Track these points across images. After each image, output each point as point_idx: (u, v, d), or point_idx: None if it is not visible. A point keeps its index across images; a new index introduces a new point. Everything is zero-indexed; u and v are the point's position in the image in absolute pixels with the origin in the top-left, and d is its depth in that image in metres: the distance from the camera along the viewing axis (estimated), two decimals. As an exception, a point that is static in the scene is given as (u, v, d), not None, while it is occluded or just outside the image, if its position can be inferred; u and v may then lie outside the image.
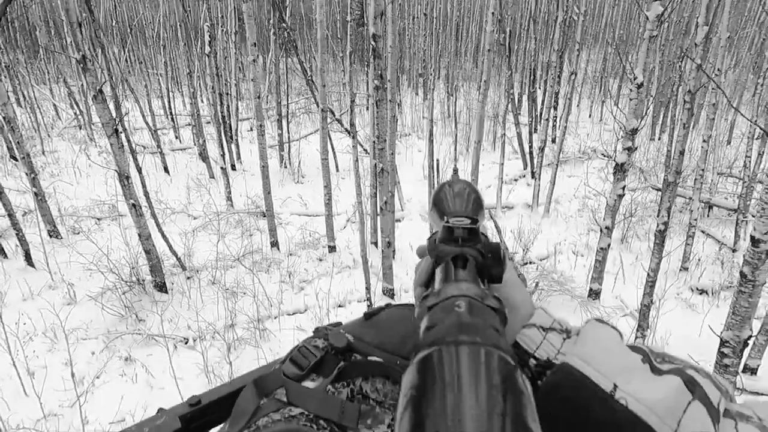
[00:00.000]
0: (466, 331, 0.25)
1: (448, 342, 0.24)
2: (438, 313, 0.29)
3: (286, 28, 7.30)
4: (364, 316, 0.52)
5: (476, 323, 0.26)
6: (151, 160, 7.59)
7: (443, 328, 0.26)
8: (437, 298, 0.31)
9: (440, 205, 0.45)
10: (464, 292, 0.31)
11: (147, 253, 4.15)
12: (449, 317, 0.28)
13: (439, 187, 0.48)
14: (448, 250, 0.39)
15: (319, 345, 0.47)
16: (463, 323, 0.26)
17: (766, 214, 1.83)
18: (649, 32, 3.48)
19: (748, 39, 11.63)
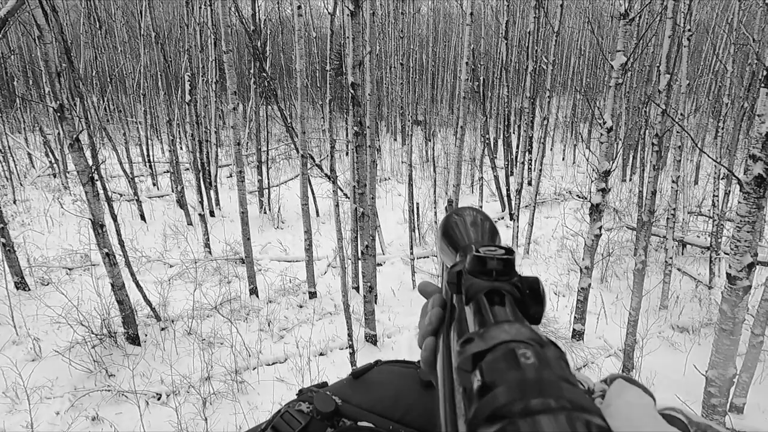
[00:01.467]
0: (540, 392, 0.19)
1: (517, 413, 0.18)
2: (495, 365, 0.22)
3: (266, 77, 7.46)
4: (352, 375, 0.49)
5: (549, 379, 0.20)
6: (128, 207, 7.47)
7: (506, 389, 0.20)
8: (485, 343, 0.24)
9: (454, 236, 0.41)
10: (519, 337, 0.24)
11: (120, 303, 4.00)
12: (511, 373, 0.21)
13: (446, 216, 0.44)
14: (479, 284, 0.33)
15: (303, 410, 0.43)
16: (533, 380, 0.20)
17: (739, 251, 1.87)
18: (615, 80, 3.66)
19: (706, 86, 12.34)
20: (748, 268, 1.88)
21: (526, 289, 0.32)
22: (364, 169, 4.04)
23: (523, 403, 0.18)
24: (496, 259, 0.33)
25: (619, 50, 3.65)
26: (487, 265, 0.33)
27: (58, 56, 3.68)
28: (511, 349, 0.23)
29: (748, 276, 1.90)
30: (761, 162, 1.76)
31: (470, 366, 0.23)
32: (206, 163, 7.58)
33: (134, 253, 5.82)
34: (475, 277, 0.33)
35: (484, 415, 0.19)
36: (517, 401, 0.19)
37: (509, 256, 0.33)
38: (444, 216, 0.44)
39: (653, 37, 7.81)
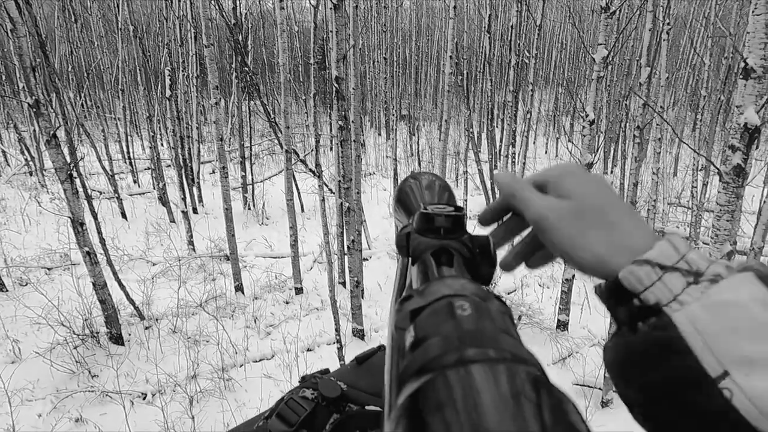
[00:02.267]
0: (477, 342, 0.17)
1: (451, 363, 0.16)
2: (428, 320, 0.21)
3: (248, 72, 7.37)
4: (356, 361, 0.48)
5: (487, 330, 0.19)
6: (108, 205, 7.32)
7: (440, 341, 0.18)
8: (424, 299, 0.22)
9: (407, 199, 0.39)
10: (460, 291, 0.22)
11: (102, 303, 3.93)
12: (446, 324, 0.19)
13: (402, 181, 0.42)
14: (426, 242, 0.31)
15: (308, 396, 0.42)
16: (470, 331, 0.18)
17: (719, 240, 1.91)
18: (597, 73, 3.70)
19: (684, 79, 12.57)
20: (728, 256, 1.93)
21: (476, 248, 0.30)
22: (349, 163, 4.02)
23: (457, 354, 0.17)
24: (444, 216, 0.31)
25: (600, 43, 3.69)
26: (434, 222, 0.32)
27: (32, 50, 3.58)
28: (448, 302, 0.21)
29: (727, 264, 1.95)
30: (740, 152, 1.80)
31: (407, 324, 0.22)
32: (188, 159, 7.47)
33: (116, 251, 5.72)
34: (423, 235, 0.31)
35: (414, 369, 0.17)
36: (450, 352, 0.17)
37: (458, 212, 0.32)
38: (400, 182, 0.43)
39: (633, 31, 7.92)
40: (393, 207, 0.44)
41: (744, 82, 1.77)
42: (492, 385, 0.15)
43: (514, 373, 0.16)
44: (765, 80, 1.73)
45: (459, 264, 0.29)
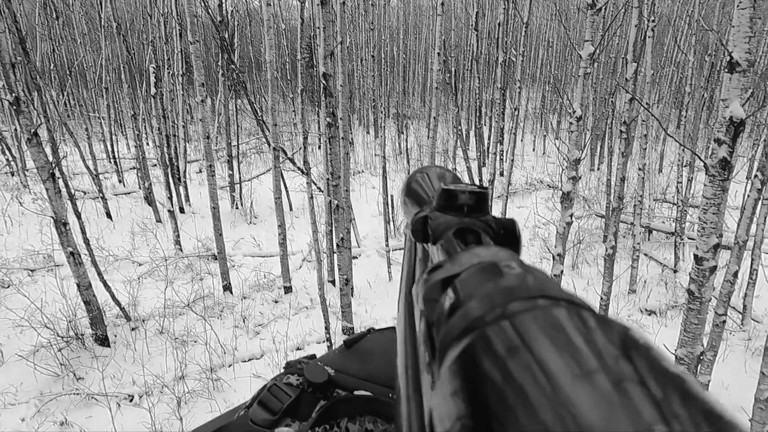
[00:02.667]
0: (539, 292, 0.15)
1: (497, 317, 0.14)
2: (471, 280, 0.18)
3: (234, 69, 7.30)
4: (344, 344, 0.46)
5: (539, 281, 0.16)
6: (92, 205, 7.21)
7: (483, 297, 0.16)
8: (458, 266, 0.20)
9: (418, 191, 0.37)
10: (501, 256, 0.20)
11: (87, 304, 3.86)
12: (494, 282, 0.17)
13: (410, 175, 0.40)
14: (448, 220, 0.28)
15: (292, 382, 0.40)
16: (530, 285, 0.16)
17: (705, 233, 1.93)
18: (584, 69, 3.71)
19: (668, 77, 12.73)
20: (714, 249, 1.94)
21: (501, 229, 0.28)
22: (338, 160, 4.00)
23: (503, 309, 0.15)
24: (468, 192, 0.29)
25: (587, 40, 3.71)
26: (457, 199, 0.29)
27: (12, 47, 3.50)
28: (492, 263, 0.19)
29: (714, 257, 1.96)
30: (725, 145, 1.81)
31: (439, 293, 0.19)
32: (174, 158, 7.38)
33: (101, 251, 5.63)
34: (445, 213, 0.28)
35: (456, 332, 0.15)
36: (496, 307, 0.15)
37: (483, 190, 0.29)
38: (407, 176, 0.40)
39: (618, 28, 7.99)
40: (401, 201, 0.42)
41: (729, 76, 1.78)
42: (547, 331, 0.13)
43: (573, 312, 0.14)
44: (750, 74, 1.74)
45: (487, 242, 0.27)
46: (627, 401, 0.10)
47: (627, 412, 0.10)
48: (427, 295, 0.20)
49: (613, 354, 0.12)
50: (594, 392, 0.10)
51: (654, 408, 0.10)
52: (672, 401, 0.10)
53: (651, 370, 0.11)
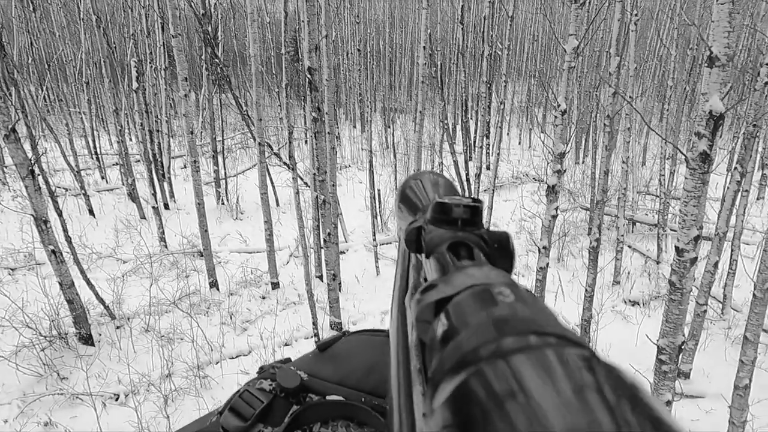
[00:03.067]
0: (526, 330, 0.15)
1: (488, 355, 0.14)
2: (465, 307, 0.18)
3: (218, 63, 7.20)
4: (317, 348, 0.46)
5: (531, 315, 0.16)
6: (74, 202, 7.08)
7: (476, 330, 0.16)
8: (451, 288, 0.20)
9: (412, 198, 0.37)
10: (493, 280, 0.20)
11: (69, 303, 3.80)
12: (487, 312, 0.17)
13: (404, 181, 0.40)
14: (442, 234, 0.28)
15: (265, 388, 0.39)
16: (522, 318, 0.16)
17: (686, 225, 1.96)
18: (568, 63, 3.74)
19: (651, 71, 12.88)
20: (695, 241, 1.98)
21: (494, 243, 0.28)
22: (324, 155, 3.98)
23: (496, 344, 0.15)
24: (462, 206, 0.29)
25: (571, 34, 3.73)
26: (451, 212, 0.29)
27: (-13, 40, 3.41)
28: (485, 288, 0.19)
29: (694, 248, 2.00)
30: (705, 138, 1.84)
31: (432, 315, 0.19)
32: (158, 153, 7.28)
33: (83, 249, 5.54)
34: (438, 227, 0.29)
35: (449, 365, 0.15)
36: (489, 343, 0.15)
37: (477, 203, 0.29)
38: (402, 183, 0.41)
39: (603, 22, 8.05)
40: (396, 206, 0.41)
41: (709, 70, 1.81)
42: (538, 373, 0.13)
43: (563, 356, 0.14)
44: (729, 68, 1.77)
45: (479, 259, 0.27)
46: (587, 408, 0.11)
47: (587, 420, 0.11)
48: (419, 316, 0.20)
49: (587, 383, 0.12)
50: (566, 412, 0.11)
51: (610, 418, 0.11)
52: (623, 407, 0.11)
53: (614, 391, 0.12)
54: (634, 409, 0.12)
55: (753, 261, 5.10)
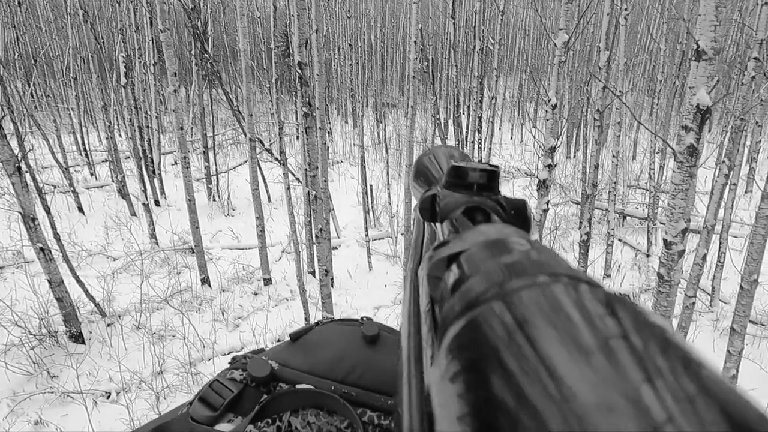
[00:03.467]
0: (541, 269, 0.15)
1: (513, 289, 0.14)
2: (478, 255, 0.17)
3: (208, 58, 7.14)
4: (290, 338, 0.46)
5: (550, 259, 0.16)
6: (63, 199, 7.01)
7: (492, 271, 0.15)
8: (465, 243, 0.19)
9: (427, 172, 0.36)
10: (510, 233, 0.19)
11: (59, 301, 3.77)
12: (499, 258, 0.16)
13: (418, 157, 0.39)
14: (458, 198, 0.27)
15: (236, 378, 0.39)
16: (533, 261, 0.16)
17: (674, 218, 1.98)
18: (559, 57, 3.75)
19: (641, 65, 12.95)
20: (682, 234, 2.00)
21: (511, 209, 0.27)
22: (315, 151, 3.96)
23: (506, 286, 0.14)
24: (478, 170, 0.28)
25: (561, 28, 3.74)
26: (467, 177, 0.28)
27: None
28: (499, 239, 0.18)
29: (682, 241, 2.02)
30: (692, 132, 1.86)
31: (443, 271, 0.19)
32: (148, 150, 7.21)
33: (73, 247, 5.49)
34: (454, 191, 0.28)
35: (457, 309, 0.15)
36: (497, 284, 0.14)
37: (494, 168, 0.28)
38: (417, 157, 0.40)
39: (593, 16, 8.07)
40: (411, 184, 0.41)
41: (696, 64, 1.82)
42: (547, 305, 0.12)
43: (574, 287, 0.13)
44: (715, 62, 1.78)
45: (495, 222, 0.26)
46: (614, 364, 0.10)
47: (615, 378, 0.10)
48: (431, 271, 0.20)
49: (600, 314, 0.12)
50: (585, 366, 0.10)
51: (638, 366, 0.10)
52: (653, 353, 0.11)
53: (634, 323, 0.12)
54: (664, 352, 0.11)
55: (741, 254, 5.17)
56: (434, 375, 0.14)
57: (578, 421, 0.09)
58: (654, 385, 0.10)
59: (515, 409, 0.10)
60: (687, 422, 0.09)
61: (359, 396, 0.39)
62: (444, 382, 0.13)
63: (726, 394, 0.09)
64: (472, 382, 0.12)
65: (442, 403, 0.12)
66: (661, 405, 0.09)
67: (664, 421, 0.09)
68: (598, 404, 0.09)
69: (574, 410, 0.09)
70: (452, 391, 0.12)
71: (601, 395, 0.10)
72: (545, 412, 0.10)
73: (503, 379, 0.11)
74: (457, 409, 0.11)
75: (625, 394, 0.09)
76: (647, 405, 0.09)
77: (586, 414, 0.09)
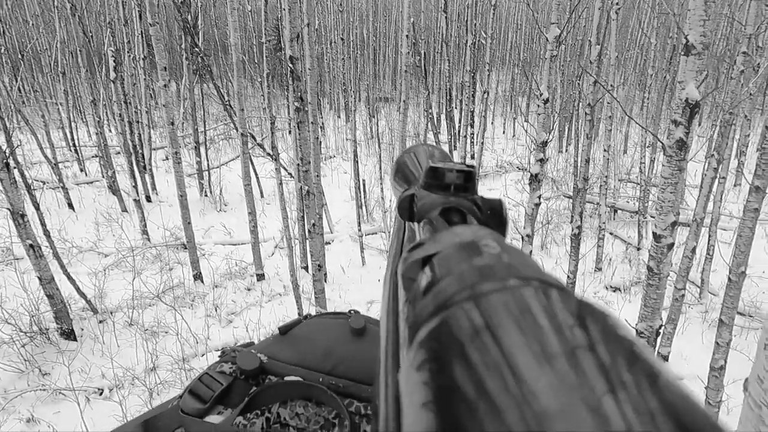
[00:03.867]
0: (512, 273, 0.15)
1: (466, 297, 0.14)
2: (448, 259, 0.18)
3: (199, 53, 7.08)
4: (279, 331, 0.46)
5: (522, 263, 0.16)
6: (53, 195, 6.94)
7: (457, 276, 0.16)
8: (439, 245, 0.20)
9: (406, 171, 0.36)
10: (483, 235, 0.20)
11: (50, 298, 3.74)
12: (471, 261, 0.17)
13: (399, 155, 0.40)
14: (434, 199, 0.28)
15: (225, 371, 0.40)
16: (505, 264, 0.16)
17: (663, 211, 2.00)
18: (550, 52, 3.76)
19: (632, 60, 13.01)
20: (672, 227, 2.02)
21: (488, 209, 0.28)
22: (308, 145, 3.95)
23: (477, 289, 0.14)
24: (455, 171, 0.28)
25: (553, 23, 3.74)
26: (444, 177, 0.28)
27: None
28: (472, 241, 0.18)
29: (671, 234, 2.04)
30: (682, 126, 1.87)
31: (417, 272, 0.19)
32: (138, 145, 7.15)
33: (63, 243, 5.45)
34: (430, 192, 0.28)
35: (428, 310, 0.15)
36: (468, 287, 0.15)
37: (470, 169, 0.29)
38: (399, 154, 0.41)
39: (585, 10, 8.09)
40: (391, 182, 0.41)
41: (685, 59, 1.83)
42: (515, 308, 0.13)
43: (544, 292, 0.13)
44: (705, 56, 1.80)
45: (470, 223, 0.27)
46: (578, 373, 0.10)
47: (578, 386, 0.10)
48: (406, 273, 0.20)
49: (570, 324, 0.12)
50: (549, 370, 0.10)
51: (603, 377, 0.10)
52: (619, 366, 0.11)
53: (602, 335, 0.12)
54: (631, 366, 0.11)
55: (729, 246, 5.23)
56: (402, 373, 0.14)
57: (536, 420, 0.09)
58: (617, 397, 0.10)
59: (475, 400, 0.10)
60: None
61: (347, 387, 0.39)
62: (410, 371, 0.13)
63: (686, 408, 0.09)
64: (436, 370, 0.12)
65: (408, 391, 0.13)
66: (621, 416, 0.09)
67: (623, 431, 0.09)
68: (557, 407, 0.09)
69: (533, 409, 0.09)
70: (417, 379, 0.12)
71: (561, 399, 0.10)
72: (503, 406, 0.10)
73: (466, 369, 0.11)
74: (421, 396, 0.11)
75: (586, 401, 0.09)
76: (607, 415, 0.09)
77: (544, 415, 0.09)
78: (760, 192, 2.54)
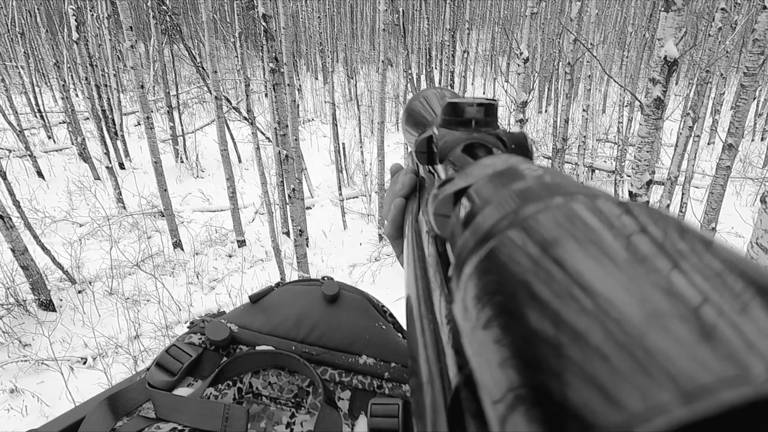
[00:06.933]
0: (557, 191, 0.14)
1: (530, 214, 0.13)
2: (486, 188, 0.17)
3: (167, 11, 6.74)
4: (249, 300, 0.45)
5: (565, 181, 0.16)
6: (20, 164, 6.69)
7: (506, 200, 0.15)
8: (471, 178, 0.18)
9: (418, 116, 0.34)
10: (515, 163, 0.18)
11: (24, 269, 3.66)
12: (511, 186, 0.16)
13: (409, 100, 0.38)
14: (456, 136, 0.26)
15: (194, 342, 0.39)
16: (548, 184, 0.15)
17: (639, 170, 2.03)
18: (530, 9, 3.68)
19: (612, 17, 12.88)
20: (647, 185, 2.06)
21: (512, 144, 0.26)
22: (285, 108, 3.85)
23: (521, 213, 0.13)
24: (475, 105, 0.27)
25: (533, -22, 3.65)
26: (464, 112, 0.27)
27: None
28: (510, 167, 0.17)
29: (647, 192, 2.08)
30: (660, 85, 1.88)
31: (450, 208, 0.18)
32: (108, 110, 6.88)
33: (35, 213, 5.30)
34: (451, 128, 0.26)
35: (474, 241, 0.14)
36: (514, 211, 0.14)
37: (492, 102, 0.27)
38: (408, 100, 0.38)
39: (566, -34, 7.91)
40: (402, 131, 0.39)
41: (665, 15, 1.81)
42: (564, 224, 0.12)
43: (594, 203, 0.13)
44: (684, 12, 1.78)
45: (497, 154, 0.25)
46: (641, 259, 0.10)
47: (644, 272, 0.10)
48: (437, 210, 0.19)
49: (616, 213, 0.12)
50: (614, 269, 0.10)
51: (662, 254, 0.10)
52: (673, 239, 0.11)
53: (650, 217, 0.12)
54: (683, 237, 0.11)
55: (701, 203, 5.38)
56: (457, 306, 0.13)
57: (619, 328, 0.09)
58: (682, 269, 0.10)
59: (555, 337, 0.10)
60: (720, 297, 0.09)
61: (320, 355, 0.39)
62: (476, 331, 0.12)
63: (744, 264, 0.10)
64: (507, 325, 0.11)
65: (476, 351, 0.12)
66: (693, 287, 0.09)
67: (700, 302, 0.09)
68: (634, 305, 0.09)
69: (612, 318, 0.09)
70: (487, 338, 0.11)
71: (634, 295, 0.09)
72: (584, 329, 0.09)
73: (537, 310, 0.10)
74: (497, 356, 0.11)
75: (656, 285, 0.09)
76: (680, 291, 0.09)
77: (623, 317, 0.09)
78: (733, 150, 2.59)
